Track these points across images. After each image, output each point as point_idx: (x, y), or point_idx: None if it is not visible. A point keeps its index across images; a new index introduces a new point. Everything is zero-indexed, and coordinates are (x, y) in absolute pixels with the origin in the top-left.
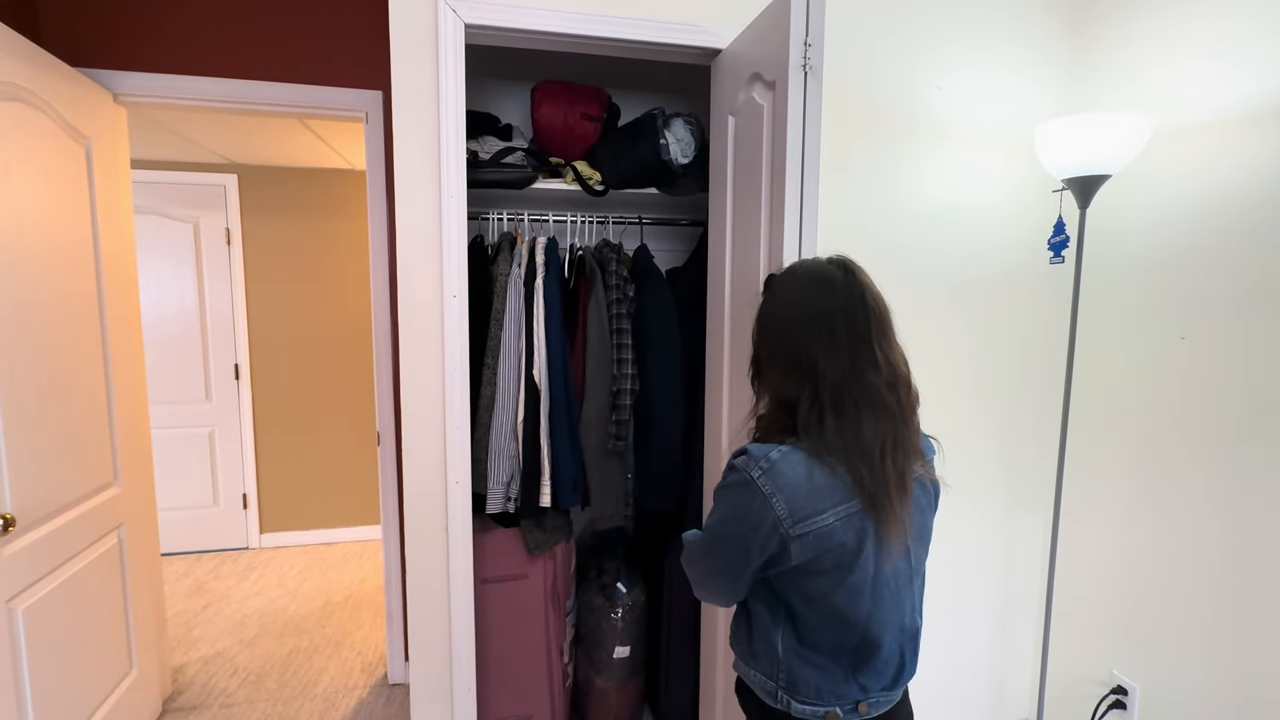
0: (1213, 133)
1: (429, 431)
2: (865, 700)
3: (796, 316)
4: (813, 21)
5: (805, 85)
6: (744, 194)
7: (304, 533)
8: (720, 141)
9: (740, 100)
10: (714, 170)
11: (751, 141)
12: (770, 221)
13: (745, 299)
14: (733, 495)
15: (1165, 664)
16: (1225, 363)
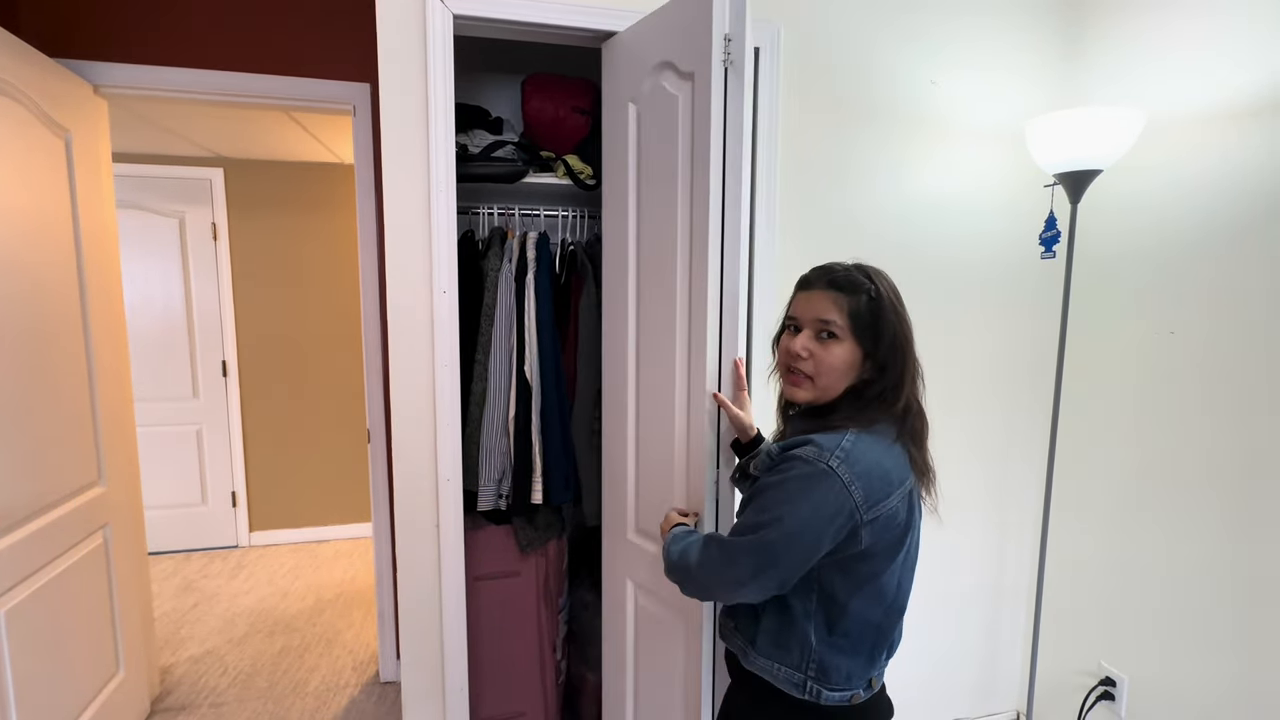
0: (1205, 127)
1: (419, 428)
2: (874, 674)
3: (906, 322)
4: (734, 16)
5: (726, 80)
6: (654, 186)
7: (294, 530)
8: (619, 129)
9: (645, 88)
10: (611, 156)
11: (662, 133)
12: (693, 218)
13: (658, 289)
14: (806, 486)
15: (1153, 655)
16: (1215, 358)
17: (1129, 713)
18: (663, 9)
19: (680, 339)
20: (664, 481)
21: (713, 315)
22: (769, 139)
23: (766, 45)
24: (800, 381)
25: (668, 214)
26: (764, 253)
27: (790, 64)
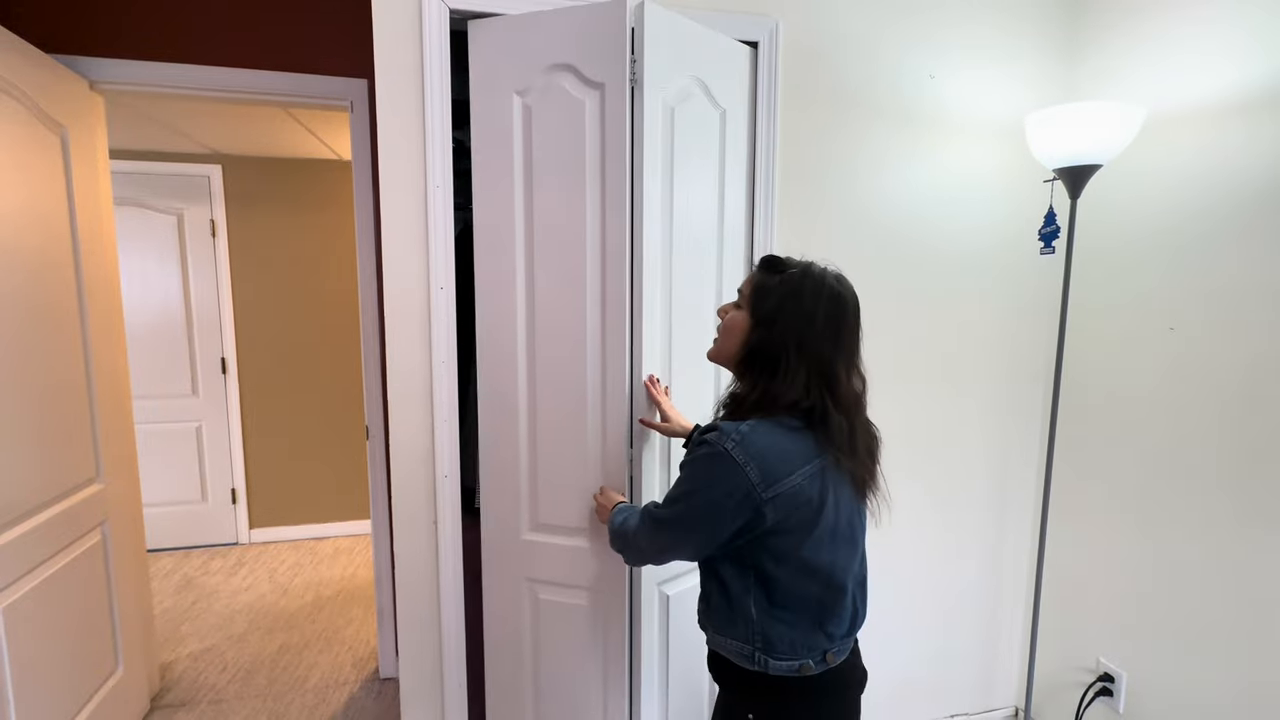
0: (1205, 122)
1: (416, 425)
2: (830, 649)
3: (818, 320)
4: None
5: (643, 98)
6: (552, 185)
7: (294, 528)
8: (498, 120)
9: (538, 84)
10: (487, 144)
11: (562, 134)
12: (604, 222)
13: (560, 290)
14: (705, 466)
15: (1152, 652)
16: (1215, 354)
17: (1127, 709)
18: (563, 11)
19: (593, 348)
20: (575, 477)
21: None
22: (767, 133)
23: (764, 39)
24: (715, 341)
25: (572, 221)
26: (762, 248)
27: (788, 58)
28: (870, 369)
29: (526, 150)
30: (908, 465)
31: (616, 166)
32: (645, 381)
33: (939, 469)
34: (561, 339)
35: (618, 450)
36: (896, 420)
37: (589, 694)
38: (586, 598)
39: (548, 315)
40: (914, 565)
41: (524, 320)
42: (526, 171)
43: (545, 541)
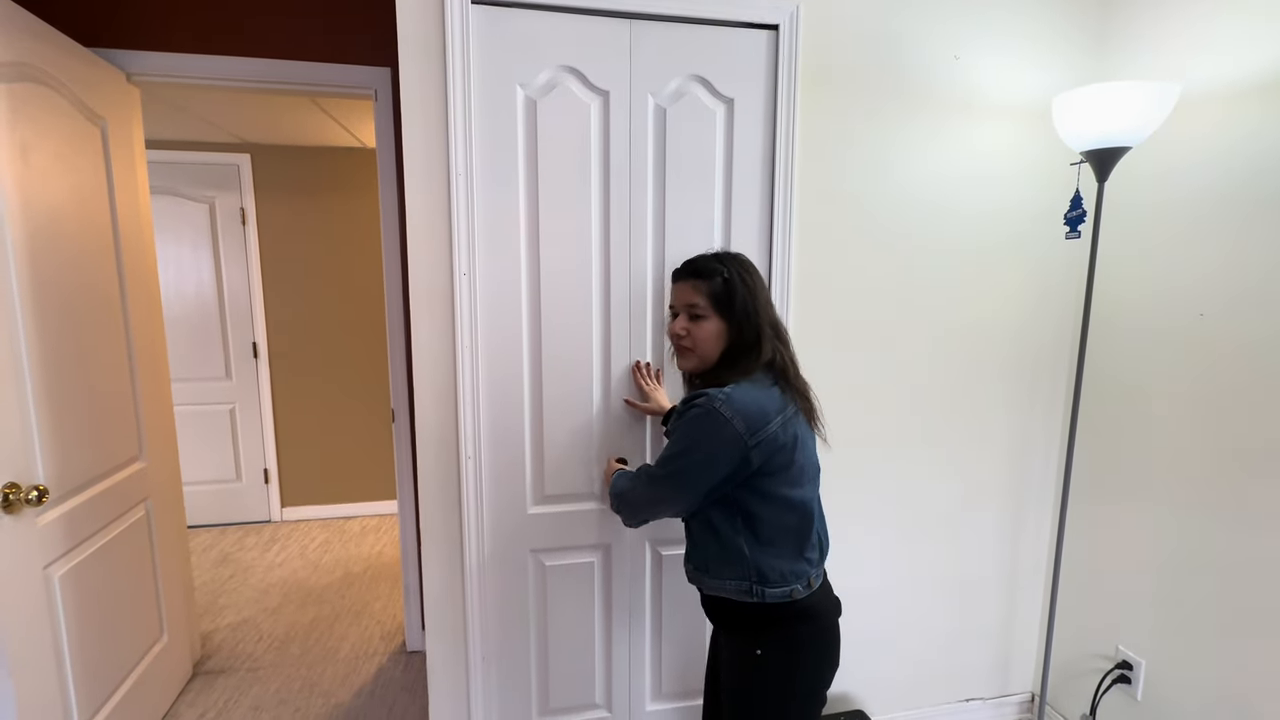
0: (1237, 101)
1: (441, 407)
2: (811, 574)
3: (762, 291)
4: None
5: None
6: (557, 180)
7: (323, 507)
8: (500, 113)
9: (541, 80)
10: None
11: (571, 134)
12: (607, 214)
13: (568, 292)
14: (698, 424)
15: (1172, 640)
16: (1246, 341)
17: (1145, 697)
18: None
19: (598, 337)
20: (579, 449)
21: None
22: (786, 118)
23: (785, 22)
24: (685, 354)
25: (579, 209)
26: (781, 232)
27: (808, 43)
28: (901, 356)
29: (528, 146)
30: (932, 450)
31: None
32: (631, 367)
33: (963, 454)
34: (566, 329)
35: (620, 424)
36: (924, 406)
37: (590, 645)
38: (590, 555)
39: (553, 306)
40: (934, 549)
41: (528, 310)
42: (528, 165)
43: (545, 512)
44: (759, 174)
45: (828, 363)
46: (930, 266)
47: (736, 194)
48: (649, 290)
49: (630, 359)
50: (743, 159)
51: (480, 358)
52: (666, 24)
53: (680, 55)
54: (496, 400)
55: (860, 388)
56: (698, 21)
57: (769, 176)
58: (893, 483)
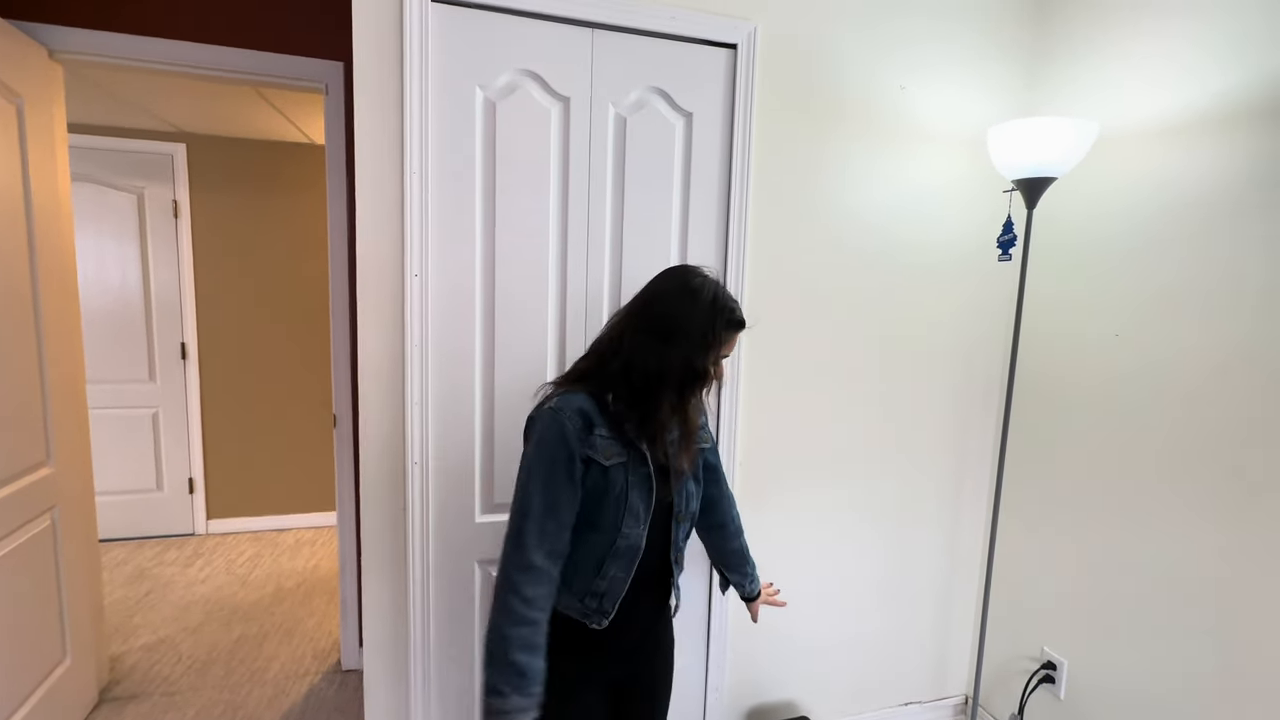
0: (1150, 141)
1: (387, 412)
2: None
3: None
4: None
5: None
6: (516, 182)
7: (255, 519)
8: (458, 114)
9: (501, 83)
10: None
11: (530, 138)
12: (565, 220)
13: (525, 285)
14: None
15: (1091, 641)
16: (1156, 359)
17: (1067, 695)
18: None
19: (553, 340)
20: None
21: None
22: (743, 135)
23: (742, 42)
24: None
25: (537, 212)
26: (736, 246)
27: (766, 63)
28: (847, 366)
29: (487, 147)
30: (872, 462)
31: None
32: None
33: (900, 466)
34: (521, 334)
35: None
36: (866, 416)
37: None
38: None
39: (507, 310)
40: (874, 562)
41: (482, 313)
42: (486, 164)
43: (500, 521)
44: (716, 188)
45: (776, 373)
46: (876, 283)
47: (694, 206)
48: (605, 296)
49: None
50: (700, 172)
51: (430, 361)
52: (628, 35)
53: (641, 67)
54: (446, 405)
55: (805, 399)
56: (658, 35)
57: (725, 190)
58: (835, 494)
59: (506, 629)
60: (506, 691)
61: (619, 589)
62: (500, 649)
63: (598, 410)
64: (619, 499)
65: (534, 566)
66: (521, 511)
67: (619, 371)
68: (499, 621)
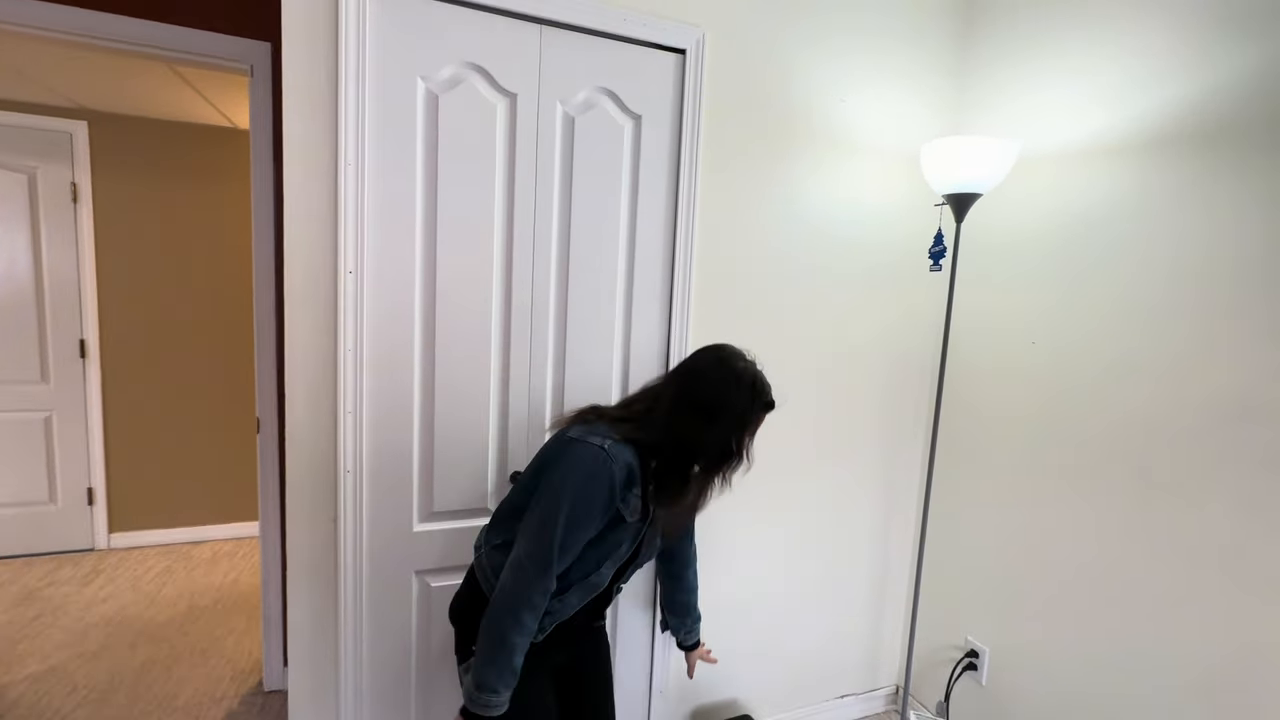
0: (1066, 161)
1: (318, 417)
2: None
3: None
4: None
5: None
6: (460, 174)
7: (165, 531)
8: (398, 104)
9: (445, 75)
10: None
11: (476, 131)
12: (511, 220)
13: (467, 282)
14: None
15: (1010, 629)
16: (1068, 365)
17: (989, 680)
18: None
19: (496, 343)
20: (474, 464)
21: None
22: (691, 140)
23: (691, 48)
24: None
25: (482, 211)
26: (683, 248)
27: (713, 70)
28: (784, 372)
29: (429, 138)
30: (810, 465)
31: (524, 167)
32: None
33: (837, 471)
34: (463, 334)
35: (518, 435)
36: (803, 421)
37: None
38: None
39: (449, 310)
40: (811, 562)
41: (422, 313)
42: (427, 158)
43: (439, 529)
44: (664, 191)
45: None
46: (816, 289)
47: (642, 208)
48: (551, 299)
49: (531, 367)
50: (649, 175)
51: (365, 363)
52: (577, 34)
53: (590, 67)
54: (382, 409)
55: None
56: (608, 36)
57: (673, 193)
58: (774, 499)
59: (516, 639)
60: (501, 689)
61: (567, 613)
62: (505, 656)
63: (640, 471)
64: (614, 545)
65: (550, 587)
66: (553, 538)
67: (658, 441)
68: (510, 632)
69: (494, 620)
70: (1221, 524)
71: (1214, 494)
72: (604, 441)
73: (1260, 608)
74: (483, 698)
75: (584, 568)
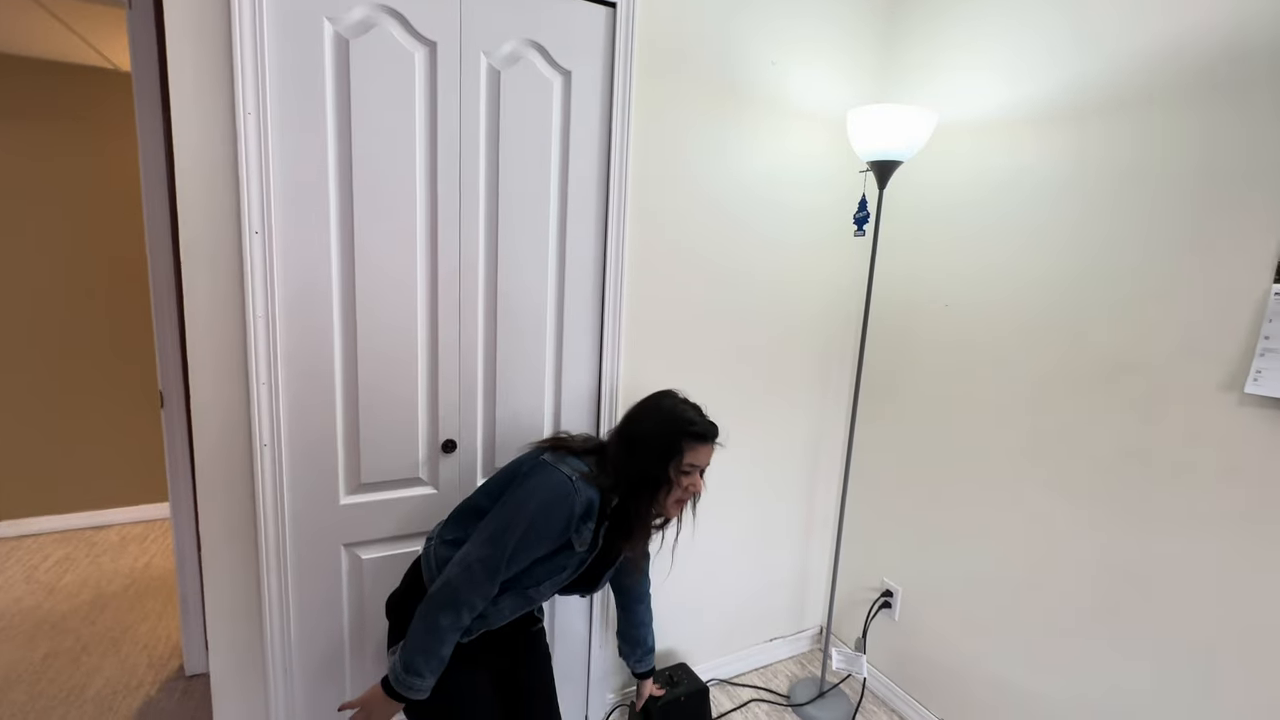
0: (981, 131)
1: (227, 389)
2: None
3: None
4: None
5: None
6: (373, 124)
7: (62, 516)
8: (303, 49)
9: (355, 17)
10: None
11: (391, 85)
12: (433, 177)
13: (391, 236)
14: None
15: (918, 570)
16: (977, 328)
17: (900, 615)
18: None
19: (422, 307)
20: (403, 431)
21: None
22: (622, 96)
23: (622, 3)
24: (685, 507)
25: (403, 166)
26: (616, 210)
27: (645, 26)
28: (715, 338)
29: (337, 86)
30: (740, 423)
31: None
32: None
33: (769, 424)
34: (386, 296)
35: (449, 401)
36: (735, 386)
37: None
38: (416, 544)
39: (370, 270)
40: (746, 515)
41: (340, 274)
42: (336, 106)
43: (367, 501)
44: (596, 150)
45: (655, 338)
46: (750, 253)
47: (574, 167)
48: (481, 258)
49: (461, 330)
50: (580, 133)
51: (279, 330)
52: None
53: (516, 18)
54: (301, 381)
55: (680, 364)
56: None
57: (605, 153)
58: None
59: (448, 633)
60: (426, 675)
61: (499, 621)
62: (436, 645)
63: (599, 509)
64: (558, 569)
65: (489, 596)
66: (503, 547)
67: (613, 484)
68: (444, 624)
69: (431, 608)
70: (1099, 466)
71: (1095, 441)
72: (574, 475)
73: (1130, 538)
74: (408, 679)
75: (526, 581)
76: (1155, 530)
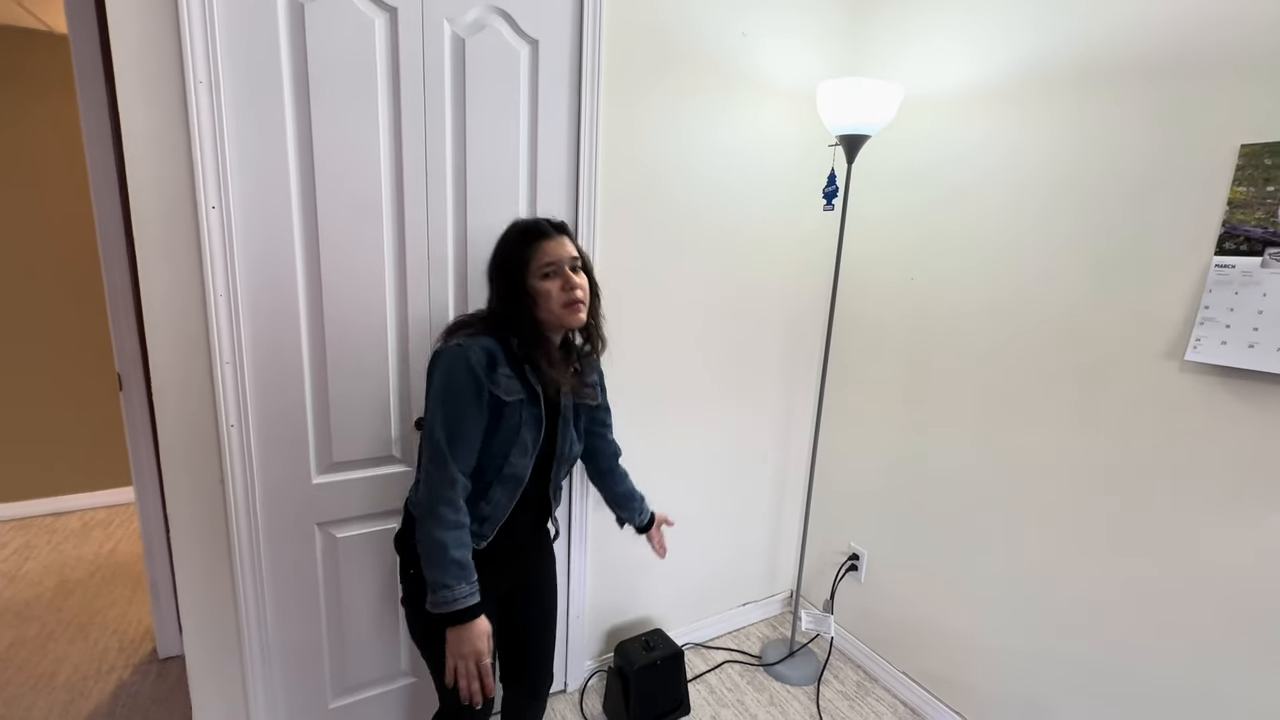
0: (944, 107)
1: (189, 368)
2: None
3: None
4: None
5: None
6: (334, 103)
7: (18, 504)
8: (255, 15)
9: None
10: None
11: (352, 52)
12: (398, 148)
13: (358, 216)
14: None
15: (884, 534)
16: (932, 301)
17: (866, 578)
18: None
19: (391, 277)
20: (375, 407)
21: None
22: (592, 69)
23: None
24: (580, 308)
25: (365, 140)
26: (587, 183)
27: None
28: (691, 302)
29: (293, 52)
30: (714, 392)
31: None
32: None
33: (741, 394)
34: (353, 270)
35: (419, 376)
36: (708, 350)
37: (394, 614)
38: (389, 521)
39: (335, 245)
40: (719, 484)
41: (304, 250)
42: (294, 76)
43: (340, 480)
44: (564, 119)
45: (624, 307)
46: (721, 226)
47: (543, 139)
48: (449, 230)
49: (431, 307)
50: (548, 102)
51: (242, 309)
52: None
53: None
54: (267, 359)
55: (655, 340)
56: None
57: (575, 125)
58: (683, 426)
59: (441, 534)
60: (453, 584)
61: (500, 514)
62: (439, 553)
63: (502, 351)
64: (511, 432)
65: (456, 480)
66: (438, 435)
67: (500, 321)
68: (433, 529)
69: (420, 527)
70: (1050, 431)
71: (1045, 407)
72: (462, 340)
73: (1077, 498)
74: (438, 596)
75: (493, 461)
76: (1103, 489)
